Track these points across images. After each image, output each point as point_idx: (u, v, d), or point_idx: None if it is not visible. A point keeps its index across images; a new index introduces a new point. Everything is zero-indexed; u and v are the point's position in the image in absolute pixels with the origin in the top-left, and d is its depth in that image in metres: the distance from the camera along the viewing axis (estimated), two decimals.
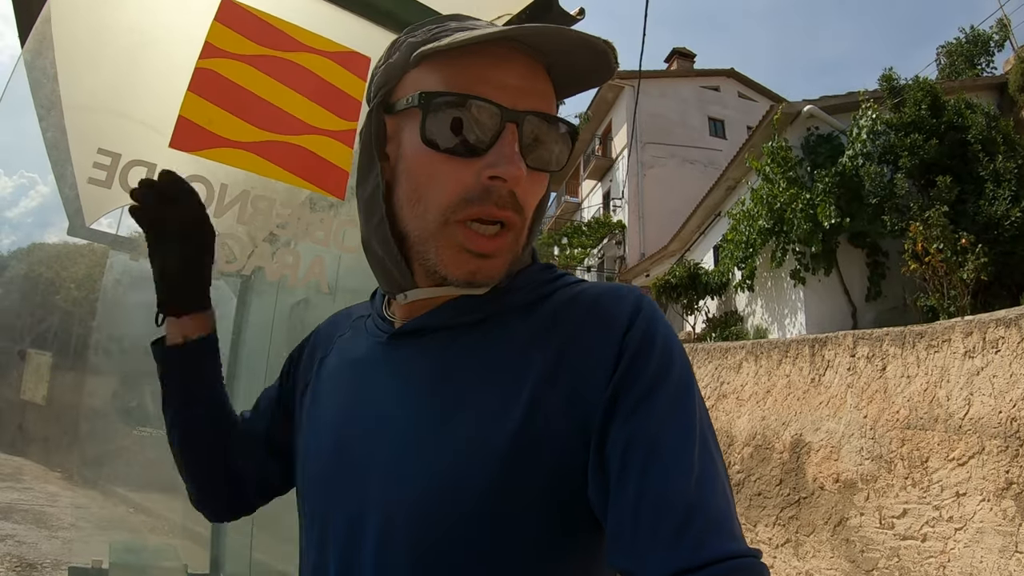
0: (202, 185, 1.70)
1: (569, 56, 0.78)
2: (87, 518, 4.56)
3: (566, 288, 0.85)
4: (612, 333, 0.75)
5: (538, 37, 0.75)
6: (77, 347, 3.73)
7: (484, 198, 0.75)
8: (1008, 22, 17.63)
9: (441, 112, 0.75)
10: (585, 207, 28.35)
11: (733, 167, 14.48)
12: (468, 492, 0.72)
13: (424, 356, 0.83)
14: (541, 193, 0.82)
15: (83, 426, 4.15)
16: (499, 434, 0.73)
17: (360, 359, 0.91)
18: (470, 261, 0.78)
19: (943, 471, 5.09)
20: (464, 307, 0.83)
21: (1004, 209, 9.41)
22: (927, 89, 11.01)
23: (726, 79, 26.39)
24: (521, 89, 0.77)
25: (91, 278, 4.17)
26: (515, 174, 0.74)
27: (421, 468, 0.75)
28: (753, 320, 13.50)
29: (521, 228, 0.80)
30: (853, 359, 6.13)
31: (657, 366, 0.73)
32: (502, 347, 0.79)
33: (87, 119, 2.23)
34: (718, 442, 0.74)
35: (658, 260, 19.58)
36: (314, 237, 1.82)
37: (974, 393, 4.99)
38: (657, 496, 0.65)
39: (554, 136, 0.79)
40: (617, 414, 0.71)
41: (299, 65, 1.89)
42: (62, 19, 1.89)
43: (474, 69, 0.76)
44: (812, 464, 6.26)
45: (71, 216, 3.25)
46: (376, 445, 0.80)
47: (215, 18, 1.82)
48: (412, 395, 0.80)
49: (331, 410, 0.90)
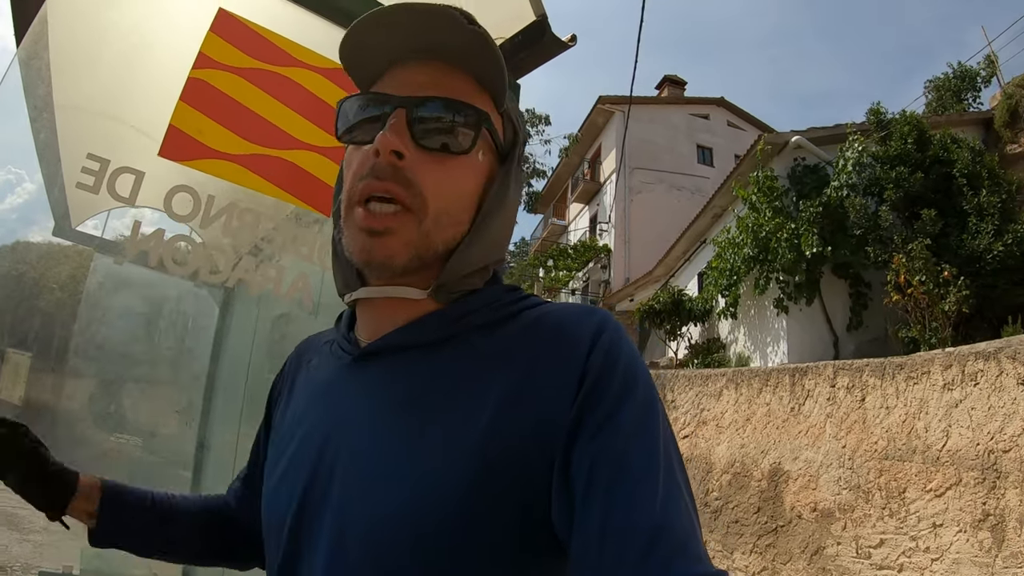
0: (189, 195, 1.70)
1: (454, 42, 0.81)
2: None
3: (531, 309, 0.85)
4: (576, 353, 0.75)
5: (393, 17, 0.80)
6: (58, 349, 3.69)
7: (369, 173, 0.79)
8: (995, 58, 17.88)
9: (348, 112, 0.85)
10: (572, 230, 28.42)
11: (720, 195, 14.57)
12: (431, 519, 0.71)
13: (387, 379, 0.83)
14: (449, 177, 0.82)
15: (59, 430, 4.09)
16: (463, 459, 0.72)
17: (325, 383, 0.91)
18: (364, 239, 0.79)
19: (920, 502, 5.11)
20: (426, 326, 0.83)
21: (987, 243, 9.50)
22: (914, 123, 11.14)
23: (716, 107, 26.63)
24: (425, 83, 0.82)
25: (74, 280, 4.11)
26: (383, 140, 0.77)
27: (384, 497, 0.74)
28: (735, 348, 13.54)
29: (420, 208, 0.79)
30: (833, 389, 6.16)
31: (620, 386, 0.73)
32: (465, 368, 0.79)
33: (79, 121, 2.22)
34: (683, 463, 0.74)
35: (643, 285, 19.62)
36: (299, 252, 1.82)
37: (952, 425, 5.01)
38: (622, 518, 0.64)
39: (454, 118, 0.81)
40: (581, 435, 0.70)
41: (291, 80, 1.89)
42: (59, 20, 1.88)
43: (389, 77, 0.85)
44: (790, 493, 6.27)
45: (57, 218, 3.23)
46: (339, 472, 0.79)
47: (210, 28, 1.83)
48: (375, 421, 0.79)
49: (293, 435, 0.89)
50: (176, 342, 4.26)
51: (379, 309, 0.87)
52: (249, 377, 3.62)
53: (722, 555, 6.80)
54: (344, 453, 0.80)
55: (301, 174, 1.83)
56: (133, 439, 3.92)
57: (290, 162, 1.82)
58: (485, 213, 0.85)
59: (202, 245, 1.70)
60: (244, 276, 1.75)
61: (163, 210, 1.68)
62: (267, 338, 3.57)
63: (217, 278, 1.73)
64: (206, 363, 3.81)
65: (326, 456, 0.81)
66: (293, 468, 0.85)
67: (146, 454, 3.98)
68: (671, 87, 28.16)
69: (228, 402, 3.70)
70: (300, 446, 0.86)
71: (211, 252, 1.70)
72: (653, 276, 18.97)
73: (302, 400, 0.94)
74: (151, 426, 4.12)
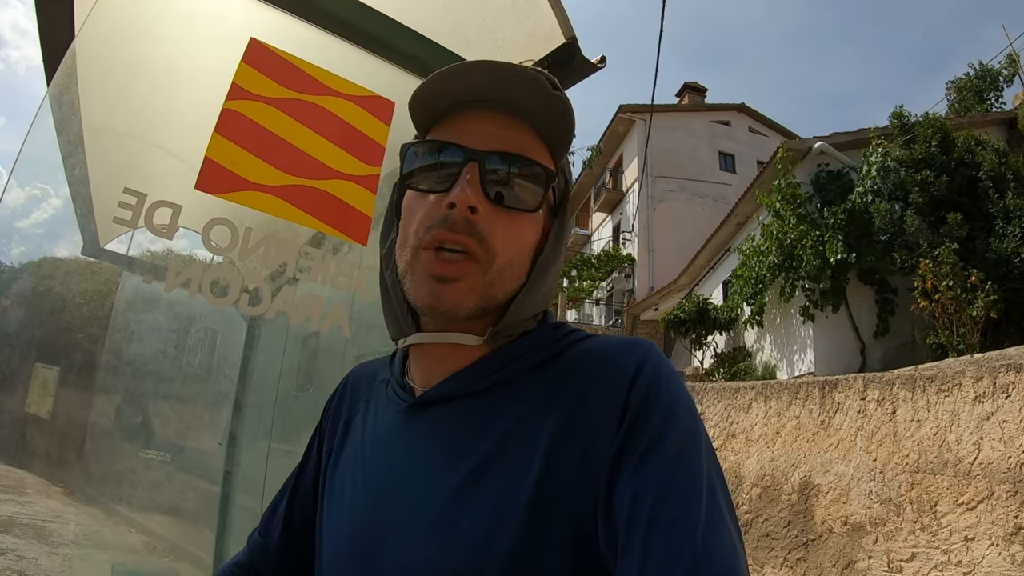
0: (227, 228, 1.71)
1: (528, 100, 0.83)
2: (88, 536, 4.51)
3: (576, 344, 0.86)
4: (618, 388, 0.76)
5: (475, 76, 0.82)
6: (85, 365, 3.74)
7: (441, 224, 0.80)
8: (1016, 57, 17.71)
9: (416, 158, 0.86)
10: (595, 240, 28.38)
11: (743, 203, 14.49)
12: (489, 570, 0.72)
13: (442, 428, 0.84)
14: (516, 233, 0.84)
15: (88, 444, 4.14)
16: (518, 505, 0.73)
17: (382, 431, 0.92)
18: (432, 285, 0.80)
19: (952, 515, 5.04)
20: (479, 373, 0.85)
21: (1014, 246, 9.39)
22: (937, 126, 11.04)
23: (737, 114, 26.55)
24: (494, 135, 0.83)
25: (101, 295, 4.16)
26: (461, 197, 0.78)
27: (441, 549, 0.75)
28: (762, 356, 13.44)
29: (488, 260, 0.80)
30: (863, 402, 6.09)
31: (661, 418, 0.73)
32: (516, 413, 0.80)
33: (114, 146, 2.24)
34: (727, 489, 0.74)
35: (667, 294, 19.55)
36: (336, 282, 1.83)
37: (984, 438, 4.94)
38: (664, 550, 0.64)
39: (524, 175, 0.83)
40: (624, 468, 0.71)
41: (324, 108, 1.91)
42: (89, 51, 1.91)
43: (452, 124, 0.85)
44: (821, 506, 6.21)
45: (87, 241, 3.28)
46: (396, 523, 0.80)
47: (242, 58, 1.84)
48: (427, 473, 0.81)
49: (354, 481, 0.90)
50: (204, 359, 4.30)
51: (434, 353, 0.89)
52: (279, 393, 3.65)
53: (753, 569, 6.74)
54: (400, 504, 0.81)
55: (337, 203, 1.84)
56: (162, 455, 3.96)
57: (325, 191, 1.83)
58: (542, 265, 0.87)
59: (241, 276, 1.71)
60: (284, 307, 1.76)
61: (202, 243, 1.70)
62: (296, 356, 3.60)
63: (257, 310, 1.74)
64: (235, 380, 3.84)
65: (382, 506, 0.83)
66: (352, 515, 0.87)
67: (175, 470, 4.02)
68: (691, 94, 28.10)
69: (257, 419, 3.73)
70: (360, 494, 0.87)
71: (250, 283, 1.72)
72: (677, 285, 18.90)
73: (359, 442, 0.95)
74: (180, 442, 4.17)
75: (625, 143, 25.82)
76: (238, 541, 3.55)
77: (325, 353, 3.38)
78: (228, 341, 3.98)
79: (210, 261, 1.76)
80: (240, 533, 3.51)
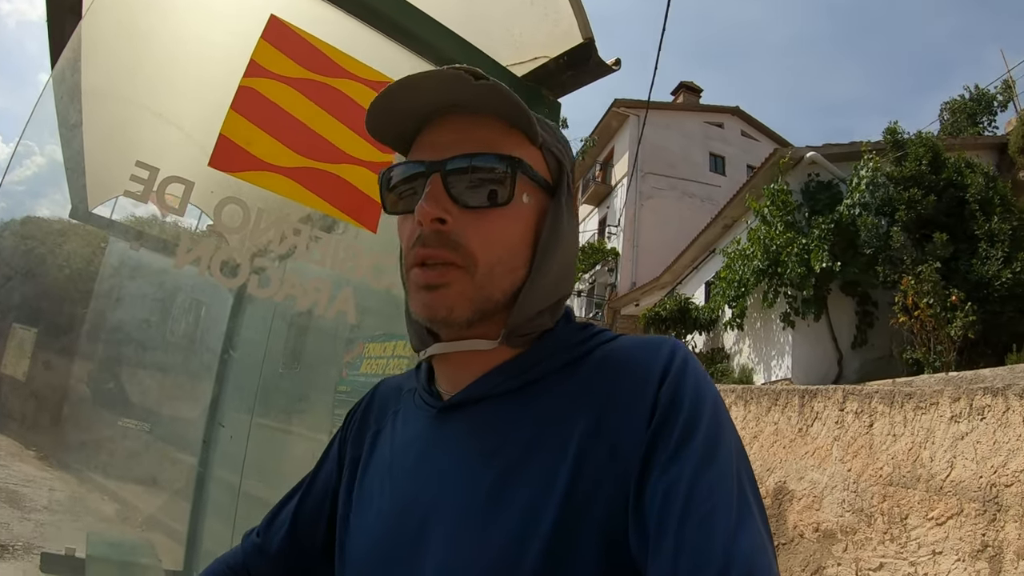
0: (239, 207, 1.69)
1: (469, 96, 0.82)
2: (60, 502, 4.46)
3: (603, 345, 0.85)
4: (646, 387, 0.76)
5: (414, 88, 0.81)
6: (66, 328, 3.69)
7: (417, 241, 0.81)
8: (1013, 83, 17.85)
9: (388, 184, 0.88)
10: (580, 231, 28.36)
11: (732, 205, 14.54)
12: (523, 570, 0.71)
13: (471, 431, 0.84)
14: (494, 230, 0.82)
15: (65, 409, 4.09)
16: (550, 505, 0.73)
17: (411, 437, 0.92)
18: (424, 295, 0.81)
19: (921, 529, 5.11)
20: (503, 376, 0.85)
21: (996, 269, 9.53)
22: (929, 145, 11.16)
23: (730, 116, 26.61)
24: (455, 140, 0.83)
25: (84, 258, 4.09)
26: (422, 212, 0.79)
27: (474, 551, 0.75)
28: (739, 359, 13.54)
29: (471, 265, 0.80)
30: (841, 413, 6.15)
31: (691, 416, 0.73)
32: (544, 414, 0.80)
33: (126, 116, 2.20)
34: (757, 488, 0.74)
35: (649, 291, 19.61)
36: (344, 267, 1.81)
37: (957, 456, 5.02)
38: (694, 549, 0.64)
39: (485, 170, 0.82)
40: (653, 467, 0.71)
41: (340, 92, 1.89)
42: (100, 15, 1.87)
43: (419, 141, 0.87)
44: (794, 512, 6.27)
45: (76, 204, 3.24)
46: (428, 527, 0.80)
47: (262, 35, 1.82)
48: (462, 475, 0.81)
49: (383, 489, 0.90)
50: (189, 330, 4.26)
51: (455, 361, 0.88)
52: (264, 369, 3.62)
53: None
54: (431, 506, 0.81)
55: (349, 189, 1.82)
56: (141, 424, 3.92)
57: (338, 176, 1.82)
58: (542, 252, 0.85)
59: (250, 258, 1.69)
60: (292, 291, 1.75)
61: (212, 221, 1.68)
62: (284, 332, 3.57)
63: (266, 293, 1.73)
64: (218, 352, 3.81)
65: (415, 511, 0.82)
66: (386, 518, 0.86)
67: (153, 439, 3.98)
68: (687, 93, 28.13)
69: (241, 393, 3.70)
70: (393, 497, 0.87)
71: (259, 265, 1.70)
72: (660, 282, 18.96)
73: (389, 449, 0.94)
74: (159, 412, 4.13)
75: (617, 137, 25.80)
76: (214, 514, 3.53)
77: (315, 332, 3.36)
78: (213, 313, 3.95)
79: (204, 236, 1.75)
80: (217, 507, 3.49)
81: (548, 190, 0.88)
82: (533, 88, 2.27)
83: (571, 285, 0.93)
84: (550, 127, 0.91)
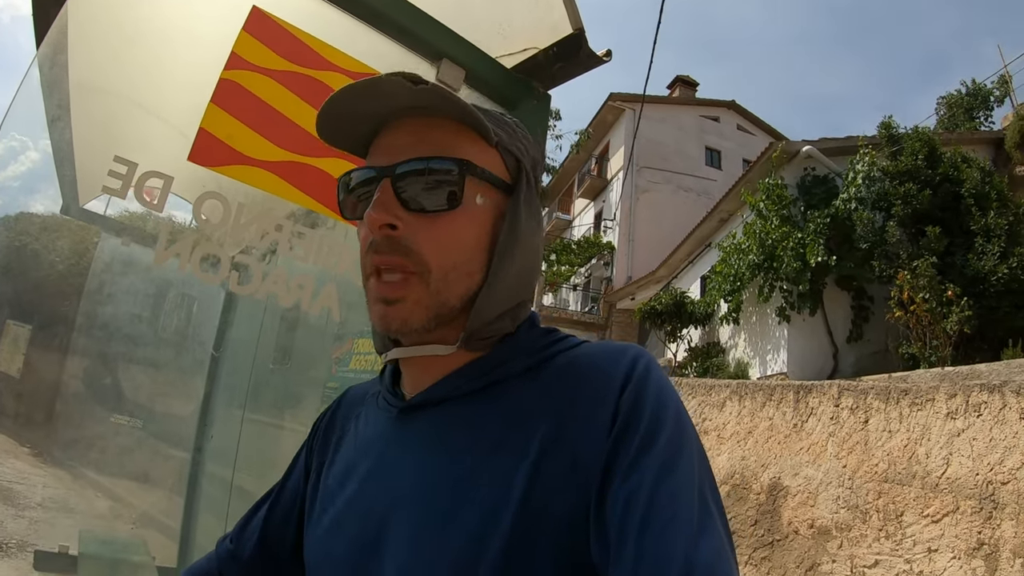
0: (219, 203, 1.66)
1: (415, 99, 0.80)
2: (54, 499, 4.46)
3: (567, 351, 0.85)
4: (608, 394, 0.75)
5: (374, 95, 0.80)
6: (59, 324, 3.67)
7: (370, 248, 0.80)
8: (1010, 78, 17.89)
9: (344, 189, 0.87)
10: (576, 225, 28.40)
11: (728, 199, 14.56)
12: (484, 568, 0.71)
13: (430, 433, 0.84)
14: (446, 234, 0.81)
15: (58, 406, 4.07)
16: (510, 505, 0.72)
17: (372, 437, 0.92)
18: (381, 308, 0.81)
19: (917, 526, 5.10)
20: (463, 378, 0.84)
21: (992, 265, 9.53)
22: (925, 140, 11.16)
23: (726, 110, 26.64)
24: (408, 144, 0.82)
25: (77, 254, 4.09)
26: (370, 218, 0.78)
27: (435, 550, 0.74)
28: (735, 353, 13.56)
29: (424, 271, 0.79)
30: (837, 409, 6.15)
31: (651, 424, 0.72)
32: (505, 417, 0.79)
33: (106, 109, 2.17)
34: (719, 494, 0.74)
35: (644, 285, 19.65)
36: (327, 262, 1.78)
37: (953, 454, 5.01)
38: (655, 557, 0.64)
39: (433, 174, 0.80)
40: (614, 476, 0.70)
41: (325, 84, 1.85)
42: (84, 8, 1.84)
43: (375, 145, 0.86)
44: (788, 508, 6.27)
45: (67, 200, 3.21)
46: (388, 527, 0.80)
47: (243, 27, 1.78)
48: (423, 474, 0.80)
49: (344, 490, 0.90)
50: (181, 326, 4.25)
51: (417, 364, 0.88)
52: (255, 365, 3.61)
53: None
54: (393, 508, 0.80)
55: (332, 182, 1.78)
56: (133, 420, 3.91)
57: (321, 170, 1.78)
58: (499, 256, 0.84)
59: (231, 254, 1.66)
60: (274, 288, 1.71)
61: (192, 217, 1.65)
62: (275, 328, 3.55)
63: (247, 290, 1.70)
64: (210, 348, 3.79)
65: (376, 510, 0.82)
66: (346, 519, 0.86)
67: (146, 435, 3.97)
68: (683, 87, 28.15)
69: (232, 389, 3.69)
70: (353, 497, 0.87)
71: (240, 262, 1.67)
72: (655, 276, 19.00)
73: (352, 450, 0.94)
74: (152, 408, 4.11)
75: (613, 131, 25.81)
76: (207, 509, 3.52)
77: (305, 328, 3.34)
78: (205, 309, 3.93)
79: (183, 232, 1.71)
80: (210, 502, 3.48)
81: (507, 190, 0.87)
82: (523, 80, 2.23)
83: (531, 288, 0.92)
84: (509, 125, 0.90)
